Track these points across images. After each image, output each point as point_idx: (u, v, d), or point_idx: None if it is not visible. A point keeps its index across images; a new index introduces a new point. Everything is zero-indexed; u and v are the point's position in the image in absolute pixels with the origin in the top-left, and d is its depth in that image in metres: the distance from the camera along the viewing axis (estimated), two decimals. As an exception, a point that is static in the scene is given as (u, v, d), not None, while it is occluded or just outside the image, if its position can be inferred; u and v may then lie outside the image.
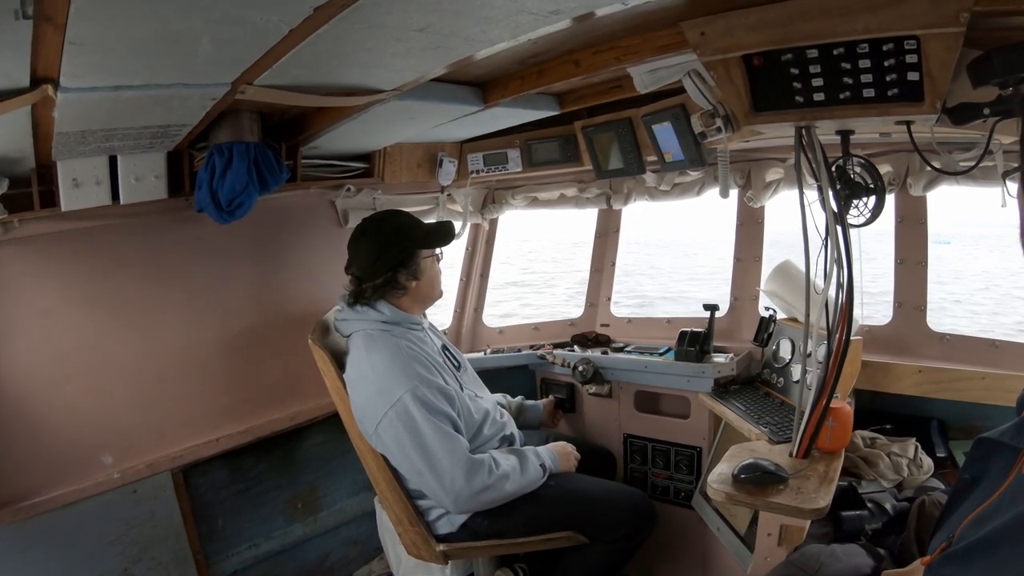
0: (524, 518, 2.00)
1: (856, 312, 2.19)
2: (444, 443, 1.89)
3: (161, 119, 1.55)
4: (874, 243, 2.43)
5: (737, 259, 2.79)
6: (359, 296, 2.08)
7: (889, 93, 1.39)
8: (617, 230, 3.15)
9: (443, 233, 2.19)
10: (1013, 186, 1.26)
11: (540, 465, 2.05)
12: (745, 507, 1.93)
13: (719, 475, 1.67)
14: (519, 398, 2.57)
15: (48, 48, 0.99)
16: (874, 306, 2.42)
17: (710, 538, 2.43)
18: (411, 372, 1.94)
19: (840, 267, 1.60)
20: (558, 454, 2.15)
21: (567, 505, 2.04)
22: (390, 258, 2.06)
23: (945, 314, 12.72)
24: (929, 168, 1.95)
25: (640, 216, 3.23)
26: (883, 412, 2.27)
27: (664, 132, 2.22)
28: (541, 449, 2.14)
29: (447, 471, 1.88)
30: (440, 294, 2.25)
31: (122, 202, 1.86)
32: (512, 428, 2.25)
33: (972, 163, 1.68)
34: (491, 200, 3.13)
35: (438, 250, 2.20)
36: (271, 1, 0.95)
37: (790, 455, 1.76)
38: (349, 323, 2.10)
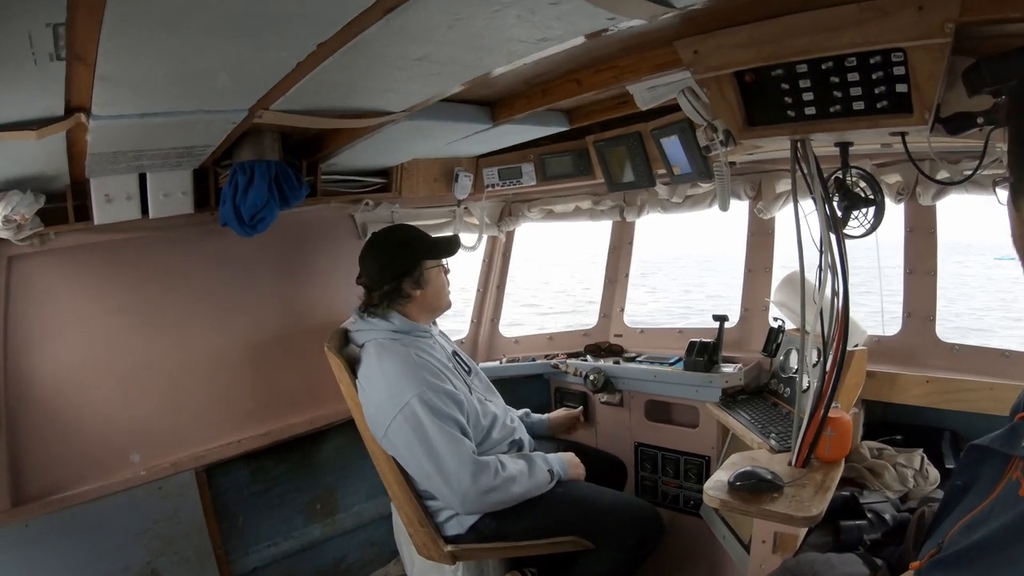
0: (531, 521, 2.05)
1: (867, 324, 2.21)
2: (450, 445, 1.95)
3: (186, 141, 1.66)
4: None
5: (748, 270, 2.80)
6: (368, 305, 2.18)
7: (878, 105, 1.41)
8: (631, 242, 3.19)
9: (447, 245, 2.27)
10: (1004, 195, 1.26)
11: (548, 470, 2.09)
12: (739, 514, 1.94)
13: (716, 482, 1.70)
14: (524, 411, 2.57)
15: (80, 83, 1.09)
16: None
17: (717, 547, 2.44)
18: (419, 378, 2.01)
19: (835, 275, 1.62)
20: (567, 462, 2.19)
21: (574, 510, 2.07)
22: (396, 267, 2.15)
23: None
24: (926, 178, 1.96)
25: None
26: (894, 424, 2.25)
27: (672, 145, 2.26)
28: (550, 456, 2.17)
29: (454, 472, 1.94)
30: (448, 304, 2.31)
31: (151, 216, 1.98)
32: (522, 434, 2.30)
33: (970, 172, 1.68)
34: (508, 213, 3.20)
35: (444, 262, 2.26)
36: (278, 40, 1.04)
37: (789, 464, 1.77)
38: (362, 333, 2.19)
